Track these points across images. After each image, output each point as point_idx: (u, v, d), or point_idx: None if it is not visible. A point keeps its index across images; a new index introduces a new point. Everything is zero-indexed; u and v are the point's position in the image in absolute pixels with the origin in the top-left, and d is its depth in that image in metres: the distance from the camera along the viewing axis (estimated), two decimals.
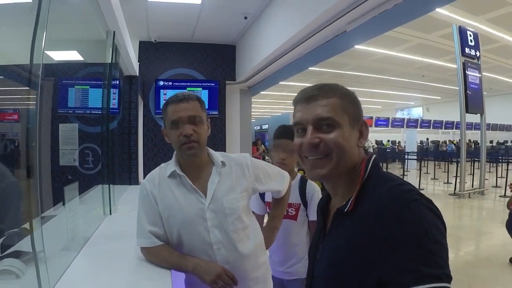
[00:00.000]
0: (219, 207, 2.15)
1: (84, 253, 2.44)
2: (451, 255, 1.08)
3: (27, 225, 2.24)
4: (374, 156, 1.35)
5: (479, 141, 19.99)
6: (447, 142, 33.62)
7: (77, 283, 1.97)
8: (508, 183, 7.98)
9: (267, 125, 32.13)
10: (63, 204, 2.38)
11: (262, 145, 20.07)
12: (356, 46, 13.29)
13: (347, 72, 19.78)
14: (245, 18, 7.35)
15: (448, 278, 1.03)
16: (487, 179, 14.86)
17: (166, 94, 8.71)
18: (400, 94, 30.29)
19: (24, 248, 2.07)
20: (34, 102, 1.83)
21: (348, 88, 1.39)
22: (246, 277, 2.19)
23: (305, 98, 1.35)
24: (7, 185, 2.53)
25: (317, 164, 1.32)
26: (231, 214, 2.16)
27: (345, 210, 1.26)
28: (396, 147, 34.56)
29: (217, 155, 2.29)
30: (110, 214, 3.70)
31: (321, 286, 1.35)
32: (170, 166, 2.23)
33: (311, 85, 1.38)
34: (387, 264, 1.07)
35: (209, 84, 8.94)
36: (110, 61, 4.29)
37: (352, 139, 1.31)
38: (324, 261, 1.34)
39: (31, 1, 1.92)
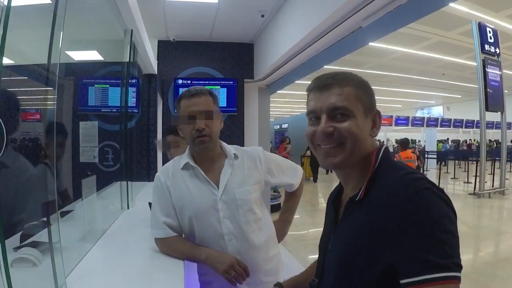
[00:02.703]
0: (231, 198, 2.18)
1: (100, 245, 2.49)
2: (470, 255, 1.09)
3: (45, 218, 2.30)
4: (385, 145, 1.37)
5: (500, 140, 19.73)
6: (446, 141, 33.19)
7: (91, 272, 2.01)
8: None
9: (286, 125, 32.11)
10: (81, 198, 2.43)
11: (290, 145, 20.06)
12: (375, 44, 13.26)
13: (367, 71, 19.62)
14: (262, 16, 7.35)
15: (458, 267, 1.04)
16: (507, 179, 14.68)
17: None
18: (420, 93, 29.97)
19: (42, 239, 2.13)
20: (53, 102, 1.87)
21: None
22: (257, 269, 2.21)
23: (319, 86, 1.36)
24: (28, 178, 2.58)
25: (330, 152, 1.34)
26: (243, 206, 2.19)
27: (357, 199, 1.27)
28: (416, 146, 34.19)
29: (230, 148, 2.33)
30: (128, 208, 3.76)
31: (331, 275, 1.36)
32: (183, 158, 2.27)
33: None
34: (396, 252, 1.08)
35: (227, 82, 8.95)
36: (128, 60, 4.34)
37: (365, 129, 1.33)
38: (335, 250, 1.36)
39: (51, 2, 1.96)
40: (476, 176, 14.21)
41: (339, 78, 1.34)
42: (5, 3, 1.37)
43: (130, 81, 4.38)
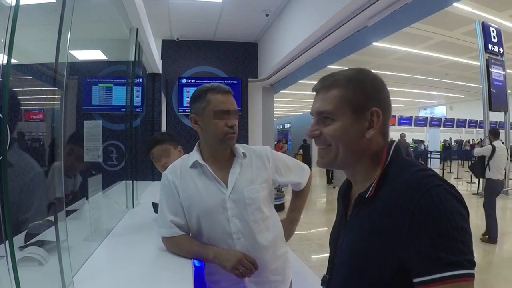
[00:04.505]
0: (239, 197, 2.17)
1: (106, 244, 2.49)
2: (474, 255, 1.08)
3: (50, 217, 2.30)
4: (396, 142, 1.35)
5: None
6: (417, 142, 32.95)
7: (98, 271, 2.01)
8: None
9: (289, 124, 32.13)
10: (87, 197, 2.43)
11: (286, 144, 20.22)
12: (378, 44, 13.23)
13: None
14: (267, 15, 7.34)
15: (471, 264, 1.03)
16: (511, 179, 14.62)
17: (189, 92, 8.74)
18: (423, 93, 29.89)
19: (47, 238, 2.13)
20: (59, 102, 1.87)
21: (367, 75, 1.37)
22: (265, 268, 2.20)
23: (314, 89, 1.41)
24: (33, 176, 2.58)
25: (321, 153, 1.39)
26: (251, 204, 2.19)
27: (366, 196, 1.26)
28: (418, 146, 34.06)
29: (238, 147, 2.32)
30: (133, 207, 3.77)
31: (342, 272, 1.35)
32: (192, 156, 2.26)
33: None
34: (408, 250, 1.08)
35: (231, 81, 8.92)
36: (133, 59, 4.34)
37: (355, 130, 1.31)
38: (345, 247, 1.36)
39: (55, 1, 1.96)
40: None
41: (329, 81, 1.36)
42: (13, 4, 1.37)
43: (135, 80, 4.38)
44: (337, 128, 1.31)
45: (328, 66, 7.68)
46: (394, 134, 33.40)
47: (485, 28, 12.91)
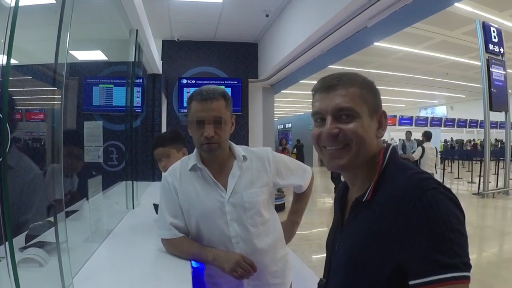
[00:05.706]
0: (238, 201, 2.15)
1: (106, 245, 2.48)
2: (473, 255, 1.08)
3: (51, 218, 2.29)
4: (392, 145, 1.35)
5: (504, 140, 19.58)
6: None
7: (98, 272, 2.01)
8: None
9: (290, 124, 32.14)
10: (87, 198, 2.43)
11: (287, 145, 20.33)
12: (379, 44, 13.21)
13: (370, 71, 19.48)
14: (267, 16, 7.36)
15: (467, 267, 1.03)
16: (511, 179, 14.62)
17: (189, 92, 8.70)
18: (424, 93, 29.86)
19: (48, 239, 2.13)
20: (59, 102, 1.87)
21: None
22: (265, 271, 2.19)
23: (324, 87, 1.33)
24: (33, 178, 2.58)
25: (336, 154, 1.31)
26: (251, 209, 2.16)
27: (364, 200, 1.26)
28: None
29: (239, 149, 2.28)
30: (133, 208, 3.77)
31: (339, 275, 1.35)
32: (191, 159, 2.23)
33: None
34: (405, 252, 1.08)
35: (231, 82, 8.96)
36: (133, 60, 4.35)
37: (371, 130, 1.31)
38: (342, 250, 1.35)
39: (55, 1, 1.96)
40: (480, 176, 14.14)
41: (345, 79, 1.32)
42: (12, 4, 1.37)
43: (135, 80, 4.38)
44: (360, 125, 1.28)
45: (329, 66, 7.69)
46: (395, 134, 33.41)
47: (485, 28, 12.90)
